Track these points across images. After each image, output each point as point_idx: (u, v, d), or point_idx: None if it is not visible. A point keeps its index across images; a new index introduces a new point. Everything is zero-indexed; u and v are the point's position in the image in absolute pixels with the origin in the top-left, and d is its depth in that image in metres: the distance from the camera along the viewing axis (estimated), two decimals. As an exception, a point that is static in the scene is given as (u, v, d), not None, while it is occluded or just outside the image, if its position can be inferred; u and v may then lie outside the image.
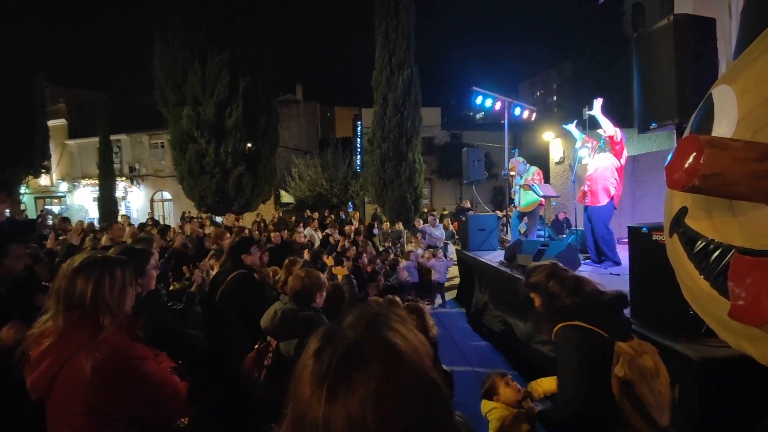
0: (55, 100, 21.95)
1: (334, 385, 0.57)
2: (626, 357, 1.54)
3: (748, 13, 2.92)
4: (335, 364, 0.59)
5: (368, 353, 0.60)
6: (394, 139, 14.17)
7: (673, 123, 2.76)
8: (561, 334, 1.72)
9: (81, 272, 1.34)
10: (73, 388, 1.23)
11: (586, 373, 1.59)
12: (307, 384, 0.60)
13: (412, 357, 0.62)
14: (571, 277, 1.84)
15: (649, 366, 1.53)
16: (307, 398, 0.59)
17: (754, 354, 1.08)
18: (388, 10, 14.08)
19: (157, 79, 14.72)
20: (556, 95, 42.89)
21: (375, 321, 0.66)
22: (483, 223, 7.39)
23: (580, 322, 1.66)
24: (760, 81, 1.10)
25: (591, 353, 1.61)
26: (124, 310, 1.39)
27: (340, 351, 0.61)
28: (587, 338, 1.64)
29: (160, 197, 22.71)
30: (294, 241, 6.78)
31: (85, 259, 1.38)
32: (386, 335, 0.63)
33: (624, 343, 1.59)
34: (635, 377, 1.49)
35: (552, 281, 1.83)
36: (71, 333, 1.29)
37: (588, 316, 1.68)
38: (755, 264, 0.99)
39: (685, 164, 1.03)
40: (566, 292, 1.78)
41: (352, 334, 0.63)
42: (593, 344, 1.62)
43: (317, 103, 27.48)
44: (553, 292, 1.81)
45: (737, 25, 3.44)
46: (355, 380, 0.57)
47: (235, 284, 3.13)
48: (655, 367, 1.53)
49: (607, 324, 1.66)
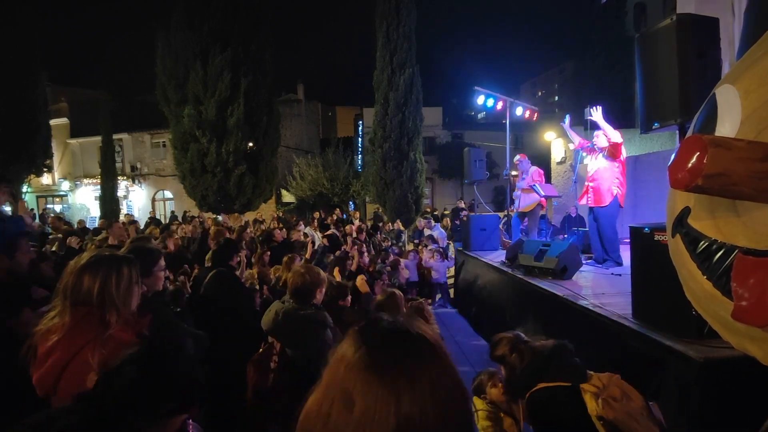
0: (57, 99, 22.00)
1: (396, 381, 0.58)
2: (592, 395, 1.55)
3: (751, 12, 2.92)
4: (400, 358, 0.61)
5: (425, 349, 0.62)
6: (395, 138, 14.16)
7: (676, 123, 2.75)
8: (530, 403, 1.74)
9: (88, 269, 1.35)
10: (80, 383, 1.24)
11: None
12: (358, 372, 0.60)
13: (441, 353, 0.65)
14: (530, 348, 1.87)
15: (617, 394, 1.54)
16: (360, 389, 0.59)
17: (756, 355, 1.07)
18: (389, 9, 14.08)
19: (158, 78, 14.75)
20: (558, 95, 42.82)
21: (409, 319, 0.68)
22: (484, 223, 7.39)
23: (543, 384, 1.69)
24: (763, 81, 1.10)
25: (560, 414, 1.64)
26: (130, 308, 1.40)
27: (399, 344, 0.63)
28: (552, 397, 1.66)
29: (162, 196, 22.75)
30: (295, 240, 6.78)
31: (92, 257, 1.40)
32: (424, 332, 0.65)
33: (585, 384, 1.61)
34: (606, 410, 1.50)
35: (514, 354, 1.88)
36: (78, 329, 1.30)
37: (544, 375, 1.70)
38: (758, 264, 0.99)
39: (688, 164, 1.03)
40: (524, 364, 1.82)
41: (403, 327, 0.65)
42: (559, 400, 1.64)
43: (318, 102, 27.50)
44: (513, 364, 1.87)
45: (740, 24, 3.43)
46: (417, 373, 0.59)
47: (214, 282, 3.20)
48: (623, 393, 1.55)
49: (565, 373, 1.68)
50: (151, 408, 0.98)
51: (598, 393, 1.55)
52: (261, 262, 4.78)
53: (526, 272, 4.78)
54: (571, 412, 1.59)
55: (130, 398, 0.96)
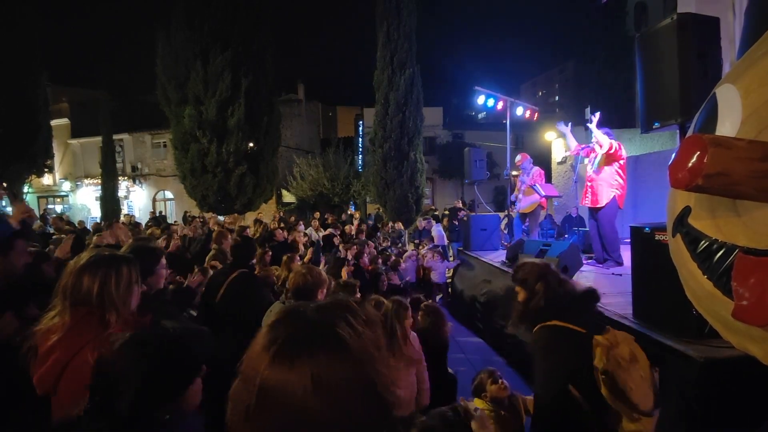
0: (57, 100, 22.02)
1: (278, 356, 0.60)
2: (603, 348, 1.57)
3: (752, 12, 2.91)
4: (285, 337, 0.62)
5: (318, 339, 0.62)
6: (395, 138, 14.16)
7: (677, 123, 2.75)
8: (538, 335, 1.75)
9: (88, 269, 1.36)
10: (80, 383, 1.24)
11: (561, 375, 1.62)
12: (258, 345, 0.64)
13: (359, 356, 0.63)
14: (557, 280, 1.85)
15: (626, 354, 1.57)
16: (253, 358, 0.63)
17: (757, 354, 1.07)
18: (390, 9, 14.08)
19: (159, 78, 14.76)
20: (558, 95, 42.81)
21: (338, 313, 0.67)
22: (485, 223, 7.38)
23: (558, 322, 1.69)
24: (764, 80, 1.10)
25: (567, 353, 1.65)
26: (130, 308, 1.40)
27: (293, 328, 0.64)
28: (564, 338, 1.67)
29: (162, 197, 22.76)
30: (295, 240, 6.78)
31: (92, 257, 1.40)
32: (340, 328, 0.64)
33: (600, 336, 1.63)
34: (613, 366, 1.54)
35: (539, 282, 1.83)
36: (78, 329, 1.30)
37: (563, 314, 1.71)
38: (759, 264, 0.99)
39: (688, 163, 1.03)
40: (549, 294, 1.80)
41: (312, 316, 0.66)
42: (570, 343, 1.66)
43: (319, 102, 27.48)
44: (537, 290, 1.82)
45: (741, 24, 3.43)
46: (298, 358, 0.60)
47: (235, 285, 3.09)
48: (632, 354, 1.57)
49: (582, 320, 1.70)
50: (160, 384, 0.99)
51: (608, 348, 1.56)
52: (262, 262, 4.78)
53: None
54: (577, 358, 1.61)
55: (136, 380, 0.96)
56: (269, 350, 0.61)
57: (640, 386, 1.51)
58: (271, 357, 0.60)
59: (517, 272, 1.95)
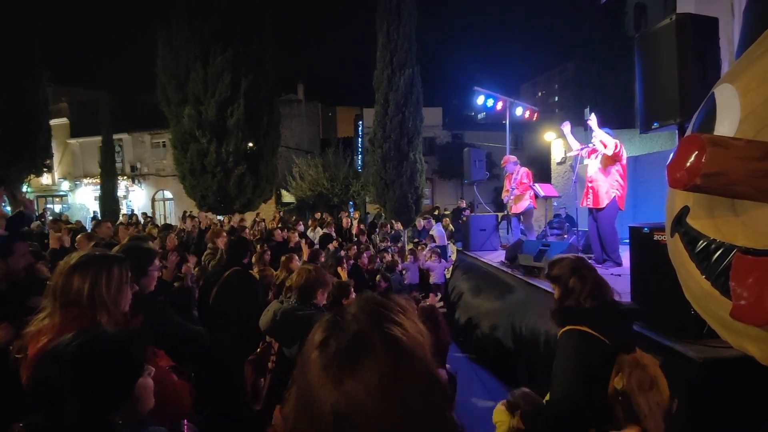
0: (57, 99, 21.99)
1: (340, 373, 0.59)
2: (626, 369, 1.55)
3: (750, 12, 2.91)
4: (342, 353, 0.61)
5: (374, 344, 0.61)
6: (395, 138, 14.15)
7: (676, 123, 2.75)
8: (565, 337, 1.72)
9: (78, 270, 1.33)
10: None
11: (579, 379, 1.61)
12: (314, 371, 0.61)
13: (415, 350, 0.63)
14: (593, 277, 1.82)
15: (647, 378, 1.54)
16: (313, 385, 0.61)
17: (755, 354, 1.07)
18: (390, 9, 14.07)
19: (159, 78, 14.75)
20: (558, 96, 42.83)
21: (378, 313, 0.66)
22: (484, 223, 7.37)
23: (587, 328, 1.66)
24: (762, 80, 1.10)
25: (589, 361, 1.63)
26: (120, 309, 1.38)
27: (345, 341, 0.62)
28: (589, 345, 1.64)
29: (162, 196, 22.75)
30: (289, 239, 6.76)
31: (82, 257, 1.37)
32: (389, 328, 0.63)
33: (627, 355, 1.60)
34: (632, 388, 1.51)
35: (573, 277, 1.80)
36: (68, 331, 1.27)
37: (596, 322, 1.68)
38: (757, 264, 0.98)
39: (687, 163, 1.02)
40: (585, 293, 1.76)
41: (356, 325, 0.64)
42: (594, 352, 1.63)
43: (319, 102, 27.47)
44: (572, 288, 1.79)
45: (740, 24, 3.42)
46: (361, 369, 0.59)
47: (229, 284, 3.11)
48: (653, 379, 1.54)
49: (613, 333, 1.66)
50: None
51: (631, 369, 1.54)
52: (261, 262, 4.77)
53: (526, 272, 4.80)
54: (598, 372, 1.58)
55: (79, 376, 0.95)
56: (329, 373, 0.60)
57: (655, 414, 1.48)
58: (334, 379, 0.59)
59: (552, 269, 1.93)
